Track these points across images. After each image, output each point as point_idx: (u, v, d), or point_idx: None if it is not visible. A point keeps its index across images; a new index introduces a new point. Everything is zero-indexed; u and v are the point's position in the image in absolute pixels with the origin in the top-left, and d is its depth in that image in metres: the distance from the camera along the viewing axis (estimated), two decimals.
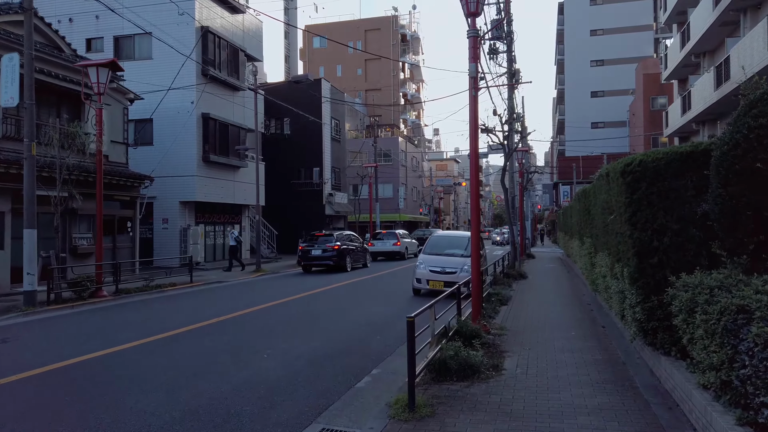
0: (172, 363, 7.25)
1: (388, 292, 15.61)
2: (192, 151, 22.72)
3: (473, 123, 8.99)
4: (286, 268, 23.98)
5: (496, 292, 12.72)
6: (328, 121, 35.78)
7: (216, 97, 23.96)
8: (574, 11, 59.13)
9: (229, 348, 8.16)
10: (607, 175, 7.38)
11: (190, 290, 16.24)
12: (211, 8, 23.75)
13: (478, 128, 9.01)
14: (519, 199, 28.64)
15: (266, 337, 8.93)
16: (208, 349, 8.08)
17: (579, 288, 15.12)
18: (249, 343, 8.53)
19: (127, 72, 22.61)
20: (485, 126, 20.66)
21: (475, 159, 8.86)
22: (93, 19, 23.64)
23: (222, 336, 9.09)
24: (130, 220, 19.12)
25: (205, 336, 9.11)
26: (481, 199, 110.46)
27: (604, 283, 8.70)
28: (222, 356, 7.62)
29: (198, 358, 7.57)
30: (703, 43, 25.69)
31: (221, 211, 25.76)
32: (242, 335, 9.18)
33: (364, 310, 11.98)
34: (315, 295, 14.73)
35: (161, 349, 8.16)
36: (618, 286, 7.11)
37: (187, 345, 8.45)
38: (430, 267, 14.26)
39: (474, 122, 8.96)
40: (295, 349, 8.02)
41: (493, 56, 23.45)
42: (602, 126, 57.01)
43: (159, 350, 8.12)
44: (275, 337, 8.97)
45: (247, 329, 9.73)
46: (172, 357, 7.63)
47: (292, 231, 32.27)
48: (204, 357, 7.60)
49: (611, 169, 6.91)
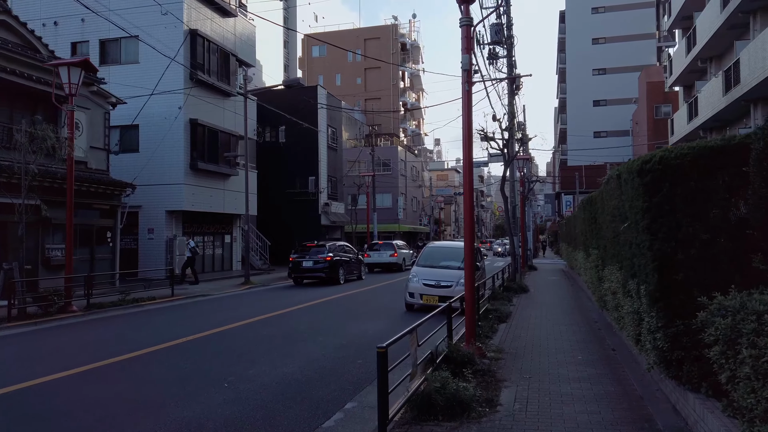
0: (106, 398, 6.20)
1: (380, 307, 14.61)
2: (179, 158, 21.82)
3: (467, 121, 8.05)
4: (277, 281, 22.99)
5: (494, 308, 11.72)
6: (324, 129, 34.94)
7: (205, 102, 23.11)
8: (575, 19, 58.49)
9: (185, 375, 7.16)
10: (619, 176, 6.41)
11: (169, 305, 15.25)
12: (201, 11, 22.97)
13: (472, 127, 8.07)
14: (520, 209, 27.68)
15: (234, 362, 7.93)
16: (160, 378, 7.07)
17: (584, 303, 14.10)
18: (213, 368, 7.53)
19: (114, 76, 21.91)
20: (484, 132, 19.80)
21: (468, 160, 7.91)
22: (78, 23, 22.86)
23: (184, 360, 8.10)
24: (110, 230, 18.17)
25: (165, 360, 8.12)
26: (482, 209, 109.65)
27: (615, 301, 7.70)
28: (173, 387, 6.59)
29: (142, 390, 6.55)
30: (710, 48, 24.82)
31: (211, 220, 24.82)
32: (208, 359, 8.19)
33: (350, 327, 10.97)
34: (300, 311, 13.74)
35: (107, 377, 7.17)
36: (632, 305, 6.12)
37: (138, 372, 7.46)
38: (424, 280, 13.26)
39: (468, 120, 8.02)
40: (263, 377, 7.02)
41: (492, 61, 22.60)
42: (605, 135, 56.15)
43: (105, 378, 7.13)
44: (244, 361, 7.97)
45: (216, 351, 8.73)
46: (111, 389, 6.57)
47: (287, 242, 31.31)
48: (150, 389, 6.56)
49: (624, 170, 5.94)
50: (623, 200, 6.23)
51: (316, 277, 21.17)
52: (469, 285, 8.01)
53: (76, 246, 16.90)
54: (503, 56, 23.67)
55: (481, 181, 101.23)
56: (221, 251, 25.76)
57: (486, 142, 21.20)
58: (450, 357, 6.72)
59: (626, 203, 6.02)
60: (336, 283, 21.14)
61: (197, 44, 22.44)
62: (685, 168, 4.80)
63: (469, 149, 7.92)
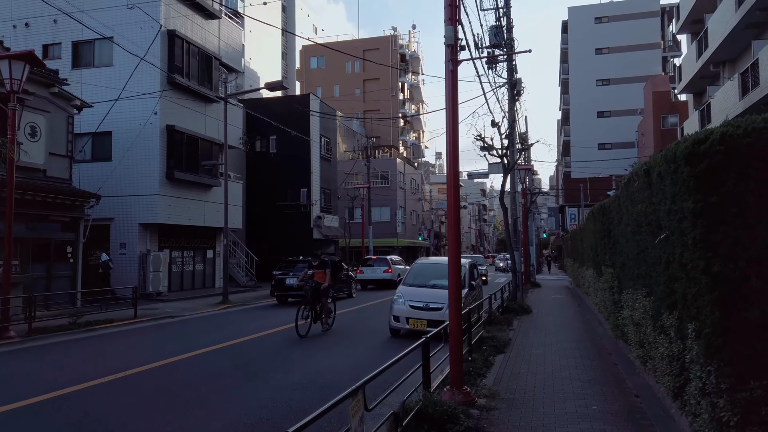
0: None
1: (363, 331, 12.93)
2: (154, 166, 20.27)
3: (451, 106, 6.46)
4: (259, 299, 21.30)
5: (490, 335, 10.03)
6: (317, 139, 33.43)
7: (184, 108, 21.61)
8: (578, 29, 57.26)
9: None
10: (649, 172, 4.78)
11: (127, 328, 13.57)
12: (180, 11, 21.55)
13: (457, 113, 6.47)
14: (522, 222, 26.02)
15: (153, 412, 6.27)
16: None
17: (594, 328, 12.39)
18: (119, 423, 5.87)
19: (87, 80, 20.47)
20: (482, 137, 18.22)
21: (453, 150, 6.32)
22: (51, 24, 21.47)
23: (90, 406, 6.43)
24: (71, 245, 16.56)
25: (74, 406, 6.46)
26: (485, 223, 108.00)
27: (639, 335, 6.02)
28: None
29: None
30: (723, 50, 23.29)
31: (191, 234, 23.20)
32: (122, 407, 6.53)
33: (318, 361, 9.29)
34: (269, 337, 12.06)
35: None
36: (670, 348, 4.46)
37: (28, 424, 5.81)
38: (411, 302, 11.57)
39: (452, 105, 6.44)
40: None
41: (492, 66, 21.11)
42: (609, 147, 54.64)
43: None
44: (168, 411, 6.31)
45: (139, 394, 7.08)
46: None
47: (277, 257, 29.63)
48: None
49: (660, 160, 4.31)
50: (656, 203, 4.59)
51: (300, 296, 19.47)
52: (455, 312, 6.37)
53: (29, 263, 15.36)
54: (503, 60, 22.15)
55: (483, 195, 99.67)
56: (203, 267, 24.11)
57: (485, 151, 19.79)
58: (424, 413, 5.05)
59: (661, 207, 4.38)
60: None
61: (175, 46, 20.98)
62: (762, 149, 3.18)
63: (454, 139, 6.33)
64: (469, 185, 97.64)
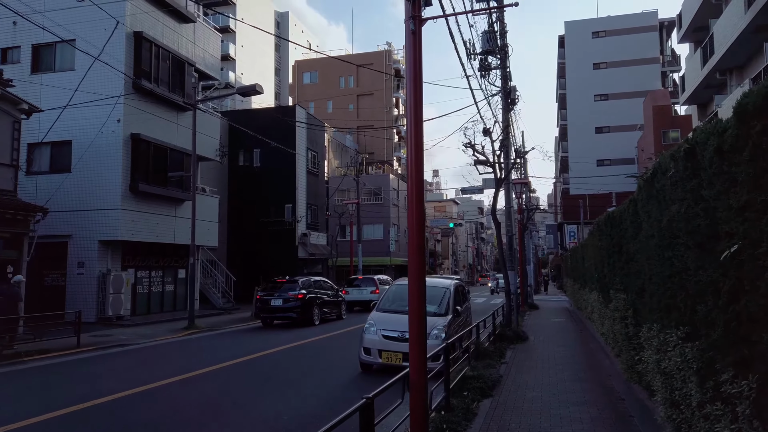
0: None
1: (332, 363, 11.15)
2: (116, 178, 18.57)
3: (413, 76, 4.82)
4: (233, 323, 19.50)
5: (475, 374, 8.26)
6: (303, 152, 31.83)
7: (153, 116, 19.99)
8: (575, 44, 56.22)
9: None
10: (690, 153, 3.10)
11: (64, 359, 11.77)
12: (149, 12, 20.06)
13: (420, 86, 4.82)
14: (518, 240, 24.33)
15: None
16: None
17: (600, 360, 10.63)
18: None
19: (47, 85, 18.92)
20: (472, 145, 16.59)
21: (416, 133, 4.66)
22: (10, 26, 19.96)
23: None
24: (11, 264, 14.78)
25: None
26: (482, 242, 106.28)
27: (671, 392, 4.27)
28: None
29: None
30: (730, 56, 21.86)
31: (160, 253, 21.42)
32: None
33: (264, 406, 7.53)
34: (228, 369, 10.30)
35: None
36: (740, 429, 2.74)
37: None
38: (384, 331, 9.81)
39: (414, 73, 4.80)
40: None
41: (484, 73, 19.61)
42: (608, 163, 53.25)
43: None
44: None
45: None
46: None
47: (261, 276, 27.83)
48: None
49: (719, 129, 2.62)
50: (711, 198, 2.90)
51: (287, 318, 18.62)
52: (417, 356, 4.65)
53: None
54: (496, 67, 20.63)
55: (480, 213, 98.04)
56: (173, 288, 22.26)
57: (479, 164, 18.25)
58: None
59: (721, 202, 2.69)
60: (310, 325, 18.45)
61: (143, 48, 19.42)
62: None
63: (416, 119, 4.67)
64: (466, 203, 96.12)
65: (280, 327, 18.33)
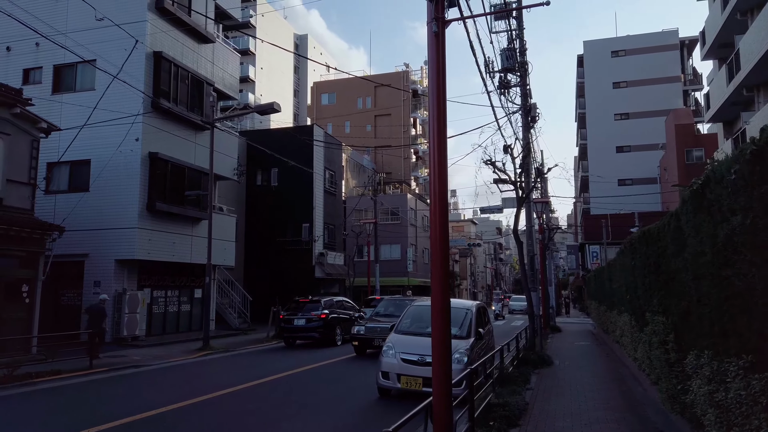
0: None
1: (352, 387, 10.70)
2: (133, 197, 18.50)
3: (435, 80, 4.49)
4: (249, 344, 19.14)
5: (500, 401, 7.77)
6: (320, 171, 31.69)
7: (172, 135, 19.98)
8: (594, 63, 55.81)
9: None
10: (760, 153, 2.70)
11: (72, 381, 11.49)
12: (170, 33, 20.16)
13: (444, 90, 4.49)
14: (539, 260, 23.72)
15: None
16: None
17: (632, 387, 10.05)
18: None
19: (68, 105, 19.02)
20: (493, 162, 16.19)
21: (439, 138, 4.34)
22: (32, 47, 20.20)
23: None
24: (27, 283, 14.64)
25: None
26: (501, 262, 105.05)
27: (730, 430, 3.79)
28: None
29: None
30: (758, 72, 21.28)
31: (177, 272, 21.22)
32: None
33: (286, 431, 7.14)
34: (238, 393, 9.91)
35: None
36: None
37: None
38: (403, 354, 9.35)
39: (437, 76, 4.47)
40: None
41: (504, 91, 19.34)
42: (630, 183, 52.37)
43: None
44: None
45: None
46: None
47: (276, 297, 27.54)
48: None
49: None
50: None
51: (309, 338, 18.63)
52: (441, 384, 4.24)
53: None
54: (516, 84, 20.33)
55: (498, 233, 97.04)
56: (189, 308, 22.02)
57: (499, 183, 17.90)
58: None
59: None
60: (332, 345, 18.47)
61: (162, 69, 19.48)
62: None
63: (439, 123, 4.33)
64: (483, 223, 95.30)
65: (299, 347, 18.16)
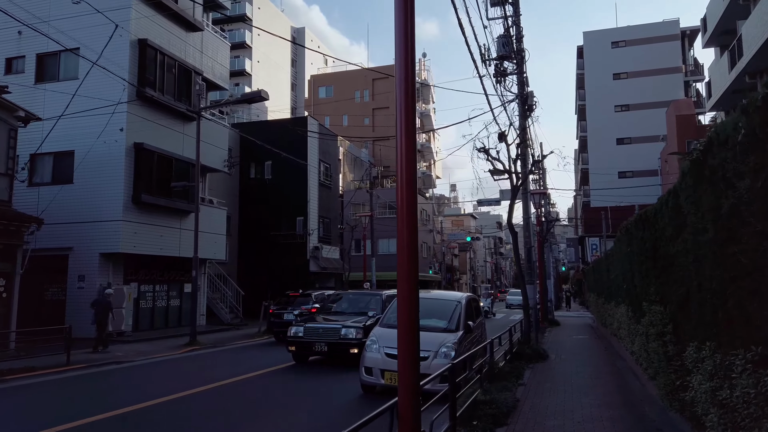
0: None
1: (336, 383, 10.21)
2: (118, 189, 17.99)
3: (402, 23, 3.98)
4: (239, 339, 18.67)
5: (488, 398, 7.26)
6: (315, 164, 31.17)
7: (158, 125, 19.46)
8: (594, 54, 55.11)
9: None
10: None
11: (44, 379, 11.01)
12: (156, 20, 19.60)
13: (413, 28, 3.98)
14: (537, 252, 23.20)
15: None
16: None
17: (629, 382, 9.55)
18: None
19: (50, 94, 18.50)
20: (486, 150, 15.65)
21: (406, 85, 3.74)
22: (15, 36, 19.67)
23: None
24: (4, 277, 14.16)
25: None
26: (501, 257, 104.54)
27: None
28: None
29: None
30: (760, 57, 20.70)
31: (165, 266, 20.74)
32: None
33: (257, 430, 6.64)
34: (217, 390, 9.42)
35: None
36: None
37: None
38: (387, 348, 8.86)
39: (404, 22, 3.96)
40: None
41: (500, 79, 18.77)
42: (630, 175, 51.73)
43: None
44: None
45: None
46: None
47: (270, 291, 27.03)
48: None
49: None
50: None
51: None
52: (409, 385, 3.73)
53: None
54: (513, 72, 19.75)
55: (499, 227, 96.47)
56: (179, 303, 21.55)
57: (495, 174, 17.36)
58: None
59: None
60: None
61: (147, 57, 18.94)
62: None
63: (407, 69, 3.82)
64: (483, 217, 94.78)
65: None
